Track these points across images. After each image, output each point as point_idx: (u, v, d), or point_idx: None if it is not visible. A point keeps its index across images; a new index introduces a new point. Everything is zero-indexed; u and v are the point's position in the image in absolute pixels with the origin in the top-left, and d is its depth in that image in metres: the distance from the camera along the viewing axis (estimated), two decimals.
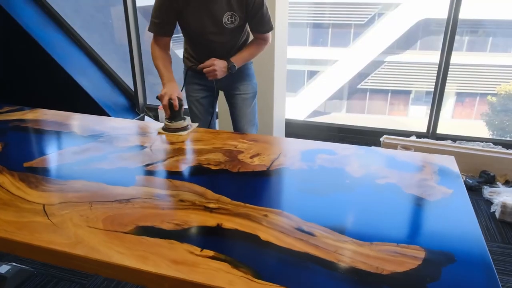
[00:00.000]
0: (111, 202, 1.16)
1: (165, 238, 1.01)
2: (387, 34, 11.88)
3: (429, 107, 3.29)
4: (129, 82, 3.96)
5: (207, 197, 1.19)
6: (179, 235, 1.02)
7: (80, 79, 3.67)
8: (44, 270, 1.95)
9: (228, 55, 1.87)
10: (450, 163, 1.44)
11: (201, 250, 0.96)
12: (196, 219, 1.08)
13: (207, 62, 1.82)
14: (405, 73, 12.54)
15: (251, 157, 1.46)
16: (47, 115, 1.89)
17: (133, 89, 3.91)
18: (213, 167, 1.38)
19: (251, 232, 1.03)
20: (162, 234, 1.02)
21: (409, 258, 0.94)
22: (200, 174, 1.34)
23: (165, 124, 1.70)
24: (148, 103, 3.98)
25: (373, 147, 1.60)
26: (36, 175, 1.32)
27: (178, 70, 2.01)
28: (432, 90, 3.17)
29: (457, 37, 3.01)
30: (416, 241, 1.00)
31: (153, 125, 1.78)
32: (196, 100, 2.07)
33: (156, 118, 3.89)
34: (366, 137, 3.42)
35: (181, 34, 1.95)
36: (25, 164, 1.40)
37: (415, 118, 12.28)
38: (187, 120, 1.72)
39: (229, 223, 1.07)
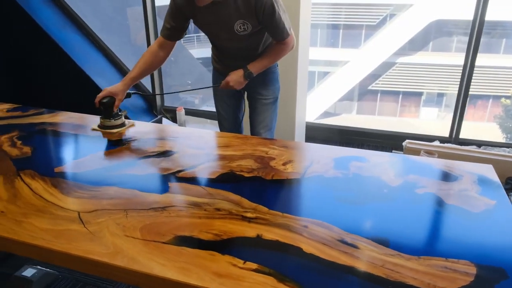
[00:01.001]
0: (147, 210, 1.14)
1: (205, 249, 0.98)
2: (399, 35, 11.78)
3: (441, 109, 3.24)
4: (146, 83, 3.95)
5: (244, 206, 1.17)
6: (219, 246, 0.99)
7: (99, 80, 3.67)
8: (69, 274, 1.94)
9: (249, 59, 1.83)
10: (489, 172, 1.40)
11: (244, 263, 0.93)
12: (235, 229, 1.05)
13: (222, 83, 1.84)
14: (416, 74, 12.42)
15: (284, 164, 1.43)
16: (73, 118, 1.88)
17: (151, 90, 3.90)
18: (246, 174, 1.35)
19: (293, 244, 1.00)
20: (202, 245, 0.99)
21: (460, 274, 0.90)
22: (233, 181, 1.31)
23: (100, 121, 1.75)
24: (165, 104, 3.97)
25: (409, 156, 1.56)
26: (68, 181, 1.30)
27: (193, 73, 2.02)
28: (445, 92, 3.12)
29: (469, 39, 2.96)
30: (464, 256, 0.97)
31: (181, 130, 1.76)
32: (222, 100, 2.08)
33: (174, 120, 3.87)
34: (387, 141, 3.38)
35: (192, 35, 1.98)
36: (56, 169, 1.38)
37: (427, 120, 12.17)
38: (119, 120, 1.75)
39: (269, 233, 1.04)
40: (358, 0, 12.01)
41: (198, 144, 1.61)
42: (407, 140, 3.02)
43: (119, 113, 1.75)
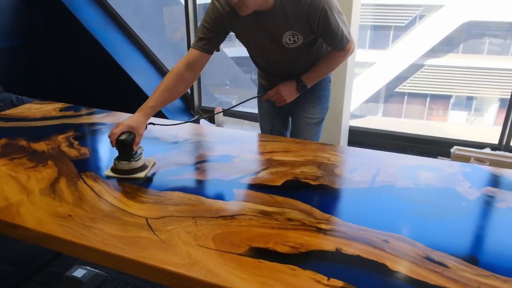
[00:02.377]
0: (216, 218, 1.10)
1: (284, 262, 0.93)
2: (428, 37, 11.52)
3: (470, 112, 3.09)
4: None
5: (316, 216, 1.11)
6: (298, 259, 0.94)
7: (139, 79, 3.68)
8: (117, 276, 1.92)
9: (297, 73, 1.65)
10: None
11: (328, 279, 0.88)
12: (311, 242, 1.00)
13: (272, 91, 1.66)
14: (445, 77, 12.14)
15: (349, 172, 1.37)
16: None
17: (189, 90, 3.88)
18: (311, 182, 1.29)
19: (376, 260, 0.94)
20: (280, 258, 0.94)
21: None
22: (299, 189, 1.26)
23: (113, 163, 1.36)
24: (203, 105, 3.95)
25: (481, 166, 1.47)
26: (131, 184, 1.28)
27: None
28: (474, 95, 2.97)
29: (500, 41, 2.81)
30: None
31: (240, 133, 1.72)
32: (267, 119, 1.93)
33: (211, 120, 3.85)
34: (432, 147, 3.26)
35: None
36: None
37: (455, 124, 11.88)
38: (141, 160, 1.36)
39: (349, 248, 0.98)
40: (387, 0, 11.79)
41: (256, 148, 1.56)
42: (455, 147, 2.90)
43: (138, 151, 1.37)
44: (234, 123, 3.75)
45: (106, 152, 1.53)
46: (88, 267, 1.87)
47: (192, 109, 3.92)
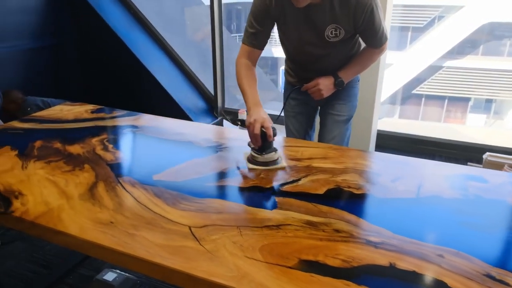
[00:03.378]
0: (260, 228, 1.07)
1: (337, 277, 0.89)
2: (447, 38, 11.33)
3: (489, 115, 3.00)
4: (208, 85, 3.92)
5: (364, 228, 1.07)
6: (351, 274, 0.90)
7: (163, 80, 3.68)
8: (146, 280, 1.91)
9: (332, 69, 1.66)
10: None
11: None
12: (363, 255, 0.96)
13: (311, 83, 1.65)
14: (464, 79, 11.94)
15: (393, 181, 1.32)
16: (156, 122, 1.84)
17: (212, 91, 3.87)
18: (355, 191, 1.25)
19: (434, 277, 0.89)
20: (332, 272, 0.91)
21: None
22: (343, 198, 1.22)
23: (252, 156, 1.42)
24: (225, 106, 3.94)
25: None
26: (170, 191, 1.25)
27: None
28: (494, 98, 2.88)
29: None
30: None
31: (278, 138, 1.67)
32: (292, 116, 1.89)
33: (234, 122, 3.83)
34: (462, 152, 3.18)
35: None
36: (154, 177, 1.33)
37: (474, 127, 11.67)
38: (278, 152, 1.44)
39: (403, 262, 0.94)
40: (405, 1, 11.64)
41: (293, 154, 1.52)
42: (488, 153, 2.82)
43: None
44: None
45: (141, 156, 1.51)
46: (118, 271, 1.87)
47: (215, 110, 3.90)
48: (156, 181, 1.31)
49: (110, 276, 1.80)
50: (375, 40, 1.59)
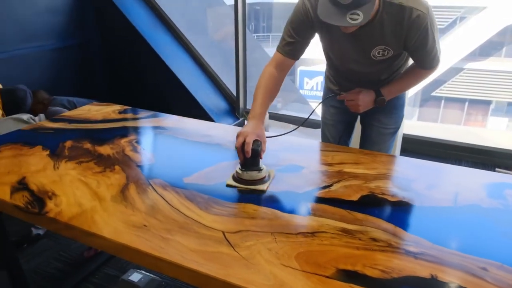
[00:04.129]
0: (295, 235, 1.05)
1: None
2: (468, 40, 11.13)
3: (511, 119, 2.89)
4: (231, 87, 3.91)
5: (402, 237, 1.04)
6: (392, 285, 0.88)
7: (186, 80, 3.69)
8: (171, 281, 1.91)
9: (374, 84, 1.56)
10: None
11: None
12: (402, 266, 0.93)
13: (351, 95, 1.56)
14: (486, 81, 11.72)
15: (428, 189, 1.29)
16: (185, 123, 1.84)
17: (234, 92, 3.86)
18: (389, 198, 1.22)
19: None
20: (372, 283, 0.88)
21: None
22: (378, 205, 1.19)
23: (236, 172, 1.32)
24: (247, 107, 3.92)
25: None
26: (201, 194, 1.24)
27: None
28: None
29: None
30: None
31: (302, 142, 1.66)
32: (331, 124, 1.82)
33: None
34: (490, 158, 3.10)
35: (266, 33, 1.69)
36: (185, 180, 1.33)
37: (495, 130, 11.45)
38: (264, 171, 1.31)
39: (445, 275, 0.91)
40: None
41: (324, 158, 1.50)
42: None
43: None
44: (279, 126, 3.71)
45: (170, 158, 1.51)
46: (143, 271, 1.87)
47: (237, 111, 3.89)
48: (187, 184, 1.30)
49: (135, 277, 1.81)
50: (426, 62, 1.47)
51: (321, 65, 1.86)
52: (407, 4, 1.30)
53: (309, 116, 1.76)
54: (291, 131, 1.60)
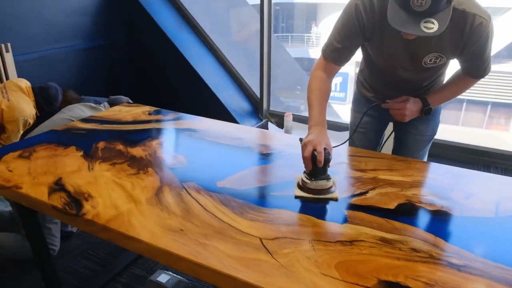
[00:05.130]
0: (333, 243, 1.03)
1: None
2: (493, 41, 10.85)
3: None
4: (255, 88, 3.91)
5: (443, 248, 1.02)
6: None
7: (210, 81, 3.70)
8: (198, 283, 1.92)
9: (413, 92, 1.52)
10: None
11: None
12: (446, 279, 0.91)
13: (398, 103, 1.49)
14: (510, 84, 11.42)
15: (467, 198, 1.25)
16: (215, 126, 1.84)
17: (258, 94, 3.86)
18: (428, 207, 1.20)
19: None
20: None
21: None
22: (416, 214, 1.17)
23: (302, 181, 1.29)
24: (271, 109, 3.91)
25: None
26: (236, 199, 1.24)
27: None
28: None
29: None
30: None
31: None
32: (362, 133, 1.76)
33: (279, 125, 3.80)
34: None
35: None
36: (219, 184, 1.32)
37: None
38: (332, 180, 1.28)
39: None
40: None
41: (356, 164, 1.48)
42: None
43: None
44: (302, 128, 3.68)
45: (202, 161, 1.51)
46: (171, 273, 1.88)
47: (260, 112, 3.89)
48: (220, 188, 1.30)
49: (163, 278, 1.81)
50: (479, 71, 1.42)
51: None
52: (470, 11, 1.26)
53: (354, 131, 1.70)
54: (345, 141, 1.57)
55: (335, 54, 1.44)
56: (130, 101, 2.36)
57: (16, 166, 1.43)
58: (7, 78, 2.90)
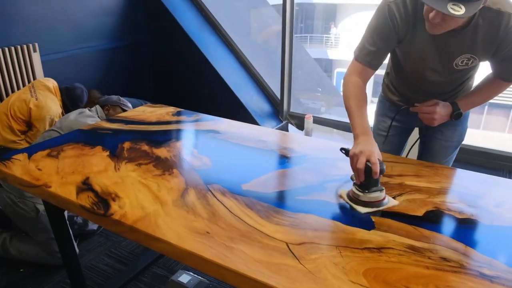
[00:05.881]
0: (361, 250, 1.02)
1: None
2: None
3: None
4: (275, 89, 3.90)
5: (474, 258, 1.00)
6: None
7: (230, 81, 3.71)
8: (218, 285, 1.92)
9: (439, 95, 1.50)
10: None
11: None
12: None
13: (428, 107, 1.46)
14: None
15: (497, 206, 1.23)
16: (239, 128, 1.84)
17: (278, 95, 3.85)
18: (457, 215, 1.17)
19: None
20: None
21: None
22: (445, 222, 1.15)
23: (352, 192, 1.24)
24: (291, 110, 3.90)
25: None
26: (261, 202, 1.24)
27: None
28: None
29: None
30: None
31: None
32: (382, 136, 1.73)
33: (299, 127, 3.79)
34: None
35: None
36: (243, 186, 1.32)
37: None
38: (384, 191, 1.23)
39: None
40: None
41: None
42: None
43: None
44: (322, 131, 3.66)
45: (227, 164, 1.51)
46: (192, 273, 1.89)
47: (280, 114, 3.88)
48: (245, 191, 1.30)
49: (184, 278, 1.83)
50: (511, 74, 1.39)
51: None
52: (506, 10, 1.23)
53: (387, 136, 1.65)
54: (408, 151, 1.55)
55: (369, 57, 1.40)
56: (121, 98, 2.35)
57: (45, 165, 1.45)
58: (34, 78, 2.96)
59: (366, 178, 1.20)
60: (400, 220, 1.15)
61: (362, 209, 1.19)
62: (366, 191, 1.20)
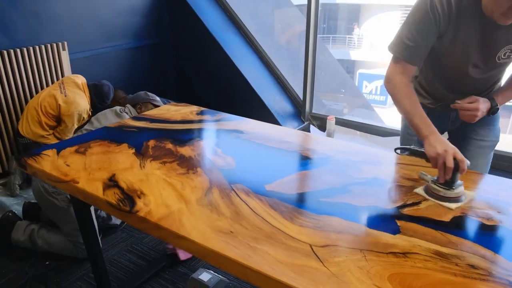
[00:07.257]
0: (386, 254, 1.01)
1: None
2: None
3: None
4: (298, 90, 3.89)
5: (503, 266, 0.97)
6: None
7: (253, 81, 3.72)
8: (238, 284, 1.93)
9: (478, 94, 1.46)
10: None
11: None
12: None
13: (472, 104, 1.41)
14: None
15: None
16: (263, 128, 1.84)
17: (300, 95, 3.84)
18: (485, 221, 1.15)
19: None
20: None
21: None
22: (473, 229, 1.13)
23: (432, 188, 1.26)
24: (313, 111, 3.88)
25: None
26: (285, 203, 1.23)
27: None
28: None
29: None
30: None
31: (382, 153, 1.61)
32: (410, 140, 1.70)
33: (321, 128, 3.77)
34: None
35: None
36: (267, 187, 1.32)
37: None
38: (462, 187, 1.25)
39: None
40: None
41: (408, 173, 1.44)
42: None
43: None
44: (345, 132, 3.63)
45: (251, 164, 1.52)
46: (212, 271, 1.90)
47: (302, 114, 3.87)
48: (269, 191, 1.30)
49: (205, 276, 1.84)
50: None
51: (381, 69, 1.76)
52: None
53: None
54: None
55: (410, 52, 1.38)
56: (148, 93, 2.39)
57: (73, 161, 1.48)
58: (62, 75, 3.04)
59: (453, 176, 1.24)
60: (426, 225, 1.13)
61: (453, 205, 1.22)
62: (453, 188, 1.23)
